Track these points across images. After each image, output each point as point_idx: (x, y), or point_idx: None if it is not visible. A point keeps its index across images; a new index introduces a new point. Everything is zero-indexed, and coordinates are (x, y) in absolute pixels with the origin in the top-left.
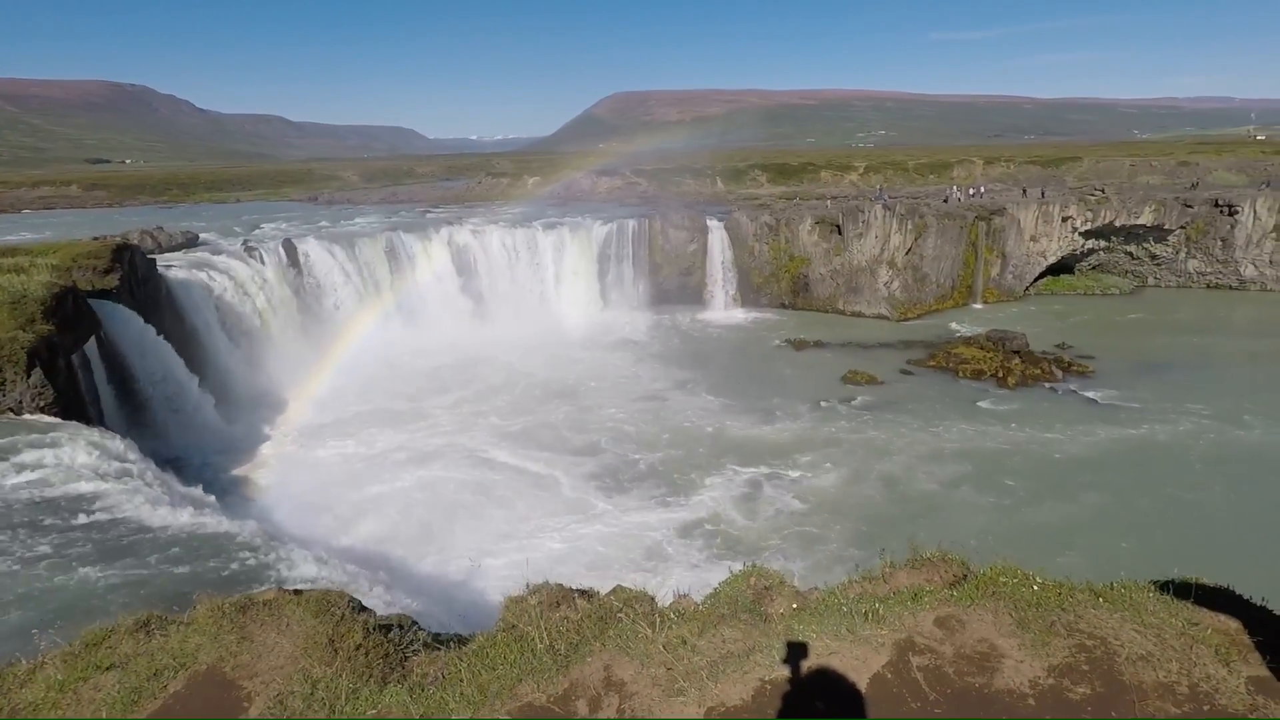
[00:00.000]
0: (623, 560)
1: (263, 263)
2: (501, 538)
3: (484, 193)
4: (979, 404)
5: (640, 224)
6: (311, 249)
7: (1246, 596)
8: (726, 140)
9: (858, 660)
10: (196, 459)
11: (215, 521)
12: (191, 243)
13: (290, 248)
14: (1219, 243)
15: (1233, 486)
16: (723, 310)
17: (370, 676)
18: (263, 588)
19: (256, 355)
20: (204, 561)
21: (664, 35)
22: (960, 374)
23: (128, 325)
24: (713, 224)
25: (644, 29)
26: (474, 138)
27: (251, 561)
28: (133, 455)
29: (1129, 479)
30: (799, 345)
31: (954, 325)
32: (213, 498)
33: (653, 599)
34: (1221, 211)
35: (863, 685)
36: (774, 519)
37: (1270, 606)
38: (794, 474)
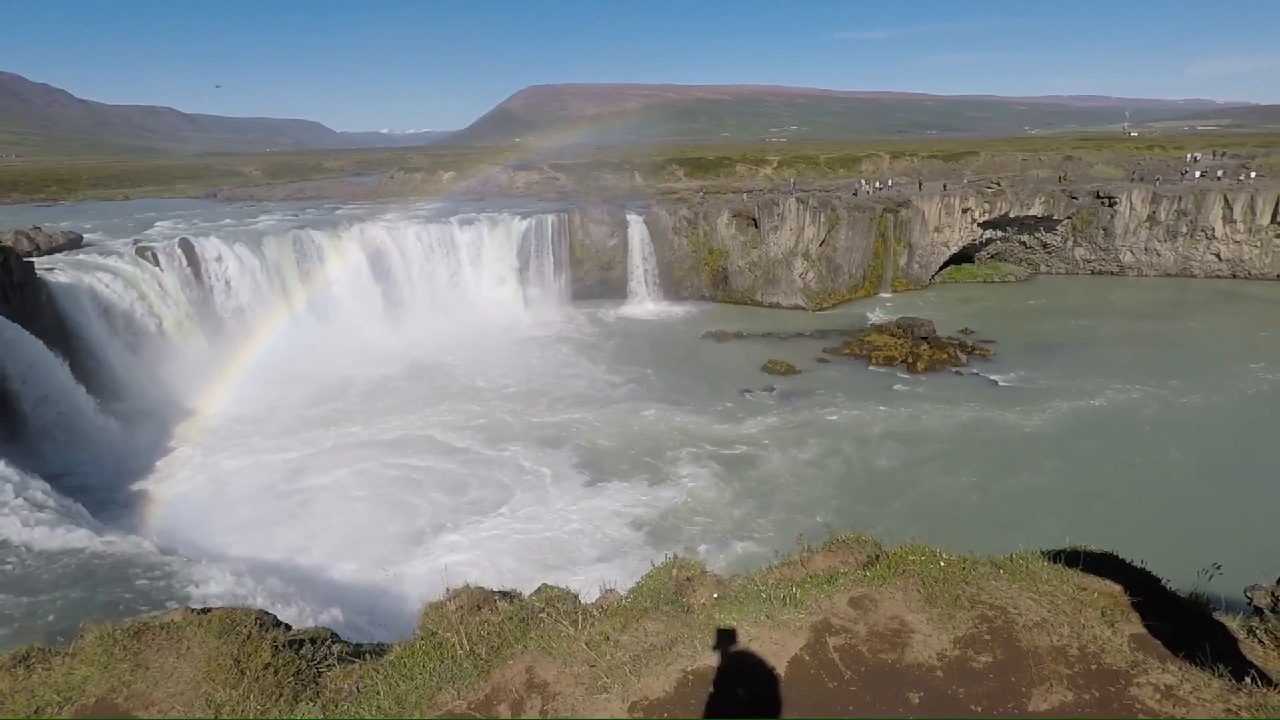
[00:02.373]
0: (578, 551)
1: (158, 264)
2: (434, 540)
3: (397, 189)
4: (893, 388)
5: (560, 219)
6: (212, 249)
7: (1129, 560)
8: (644, 135)
9: (777, 645)
10: (90, 475)
11: (110, 542)
12: (75, 244)
13: (188, 247)
14: (1101, 232)
15: (1112, 456)
16: (645, 304)
17: (280, 696)
18: (165, 610)
19: (154, 363)
20: (98, 586)
21: (579, 29)
22: (873, 360)
23: (1, 334)
24: (632, 218)
25: (559, 21)
26: (384, 131)
27: (152, 583)
28: (11, 473)
29: (1017, 455)
30: (721, 337)
31: (866, 314)
32: (108, 516)
33: (575, 596)
34: (1103, 203)
35: (782, 669)
36: (724, 504)
37: (1149, 568)
38: (735, 462)
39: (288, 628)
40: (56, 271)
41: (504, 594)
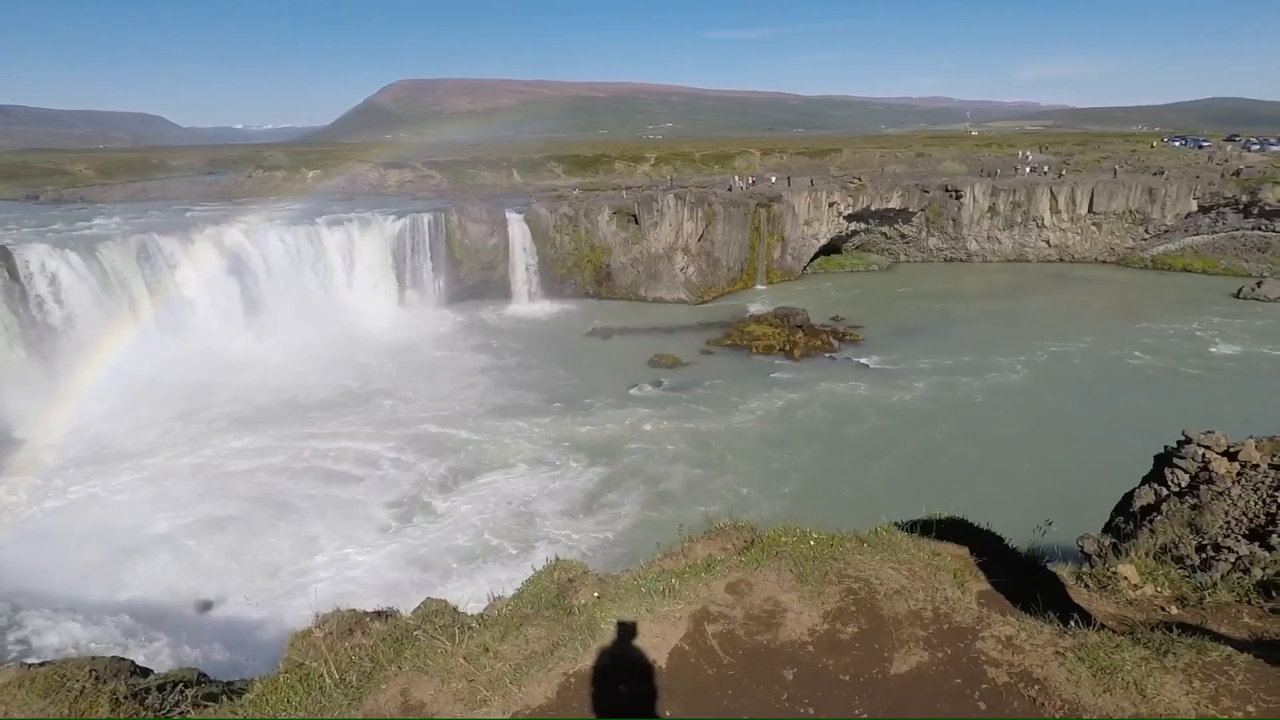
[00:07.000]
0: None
1: None
2: (303, 565)
3: (255, 188)
4: (772, 375)
5: (436, 218)
6: (37, 257)
7: (976, 524)
8: (521, 131)
9: (657, 637)
10: None
11: None
12: None
13: (6, 256)
14: (951, 222)
15: (968, 427)
16: (528, 303)
17: None
18: None
19: None
20: None
21: (452, 21)
22: (754, 350)
23: None
24: (512, 216)
25: (430, 12)
26: (239, 127)
27: None
28: None
29: (884, 434)
30: (606, 334)
31: (745, 305)
32: None
33: (454, 609)
34: (951, 196)
35: (663, 661)
36: (611, 500)
37: (994, 529)
38: (619, 456)
39: (145, 673)
40: None
41: (378, 614)
